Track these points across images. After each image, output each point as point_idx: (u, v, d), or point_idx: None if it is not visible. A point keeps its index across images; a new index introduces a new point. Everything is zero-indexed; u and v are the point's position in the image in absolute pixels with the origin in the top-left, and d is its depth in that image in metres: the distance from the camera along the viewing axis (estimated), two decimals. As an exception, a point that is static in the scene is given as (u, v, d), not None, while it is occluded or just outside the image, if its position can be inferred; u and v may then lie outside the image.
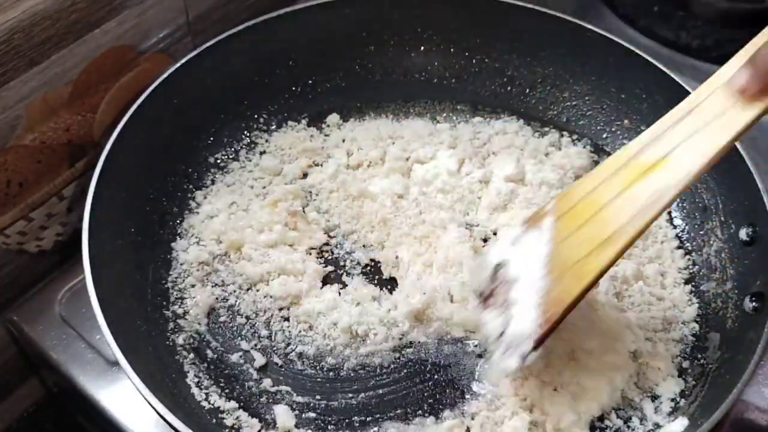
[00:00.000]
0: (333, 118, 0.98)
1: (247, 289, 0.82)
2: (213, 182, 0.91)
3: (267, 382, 0.76)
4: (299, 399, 0.75)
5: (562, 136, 0.96)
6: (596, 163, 0.93)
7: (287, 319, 0.80)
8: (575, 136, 0.97)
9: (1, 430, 0.96)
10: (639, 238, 0.65)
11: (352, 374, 0.76)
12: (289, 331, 0.79)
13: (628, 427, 0.73)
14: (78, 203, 0.89)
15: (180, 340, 0.78)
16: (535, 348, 0.64)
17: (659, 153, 0.61)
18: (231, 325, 0.80)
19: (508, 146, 0.94)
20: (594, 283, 0.64)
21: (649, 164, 0.61)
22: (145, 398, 0.65)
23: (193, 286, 0.82)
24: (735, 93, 0.56)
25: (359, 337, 0.78)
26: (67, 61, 0.80)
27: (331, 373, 0.77)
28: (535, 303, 0.65)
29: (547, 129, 0.98)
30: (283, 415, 0.73)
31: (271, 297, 0.81)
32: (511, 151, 0.94)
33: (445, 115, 1.00)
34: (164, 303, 0.80)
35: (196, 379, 0.75)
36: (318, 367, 0.77)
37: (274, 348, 0.78)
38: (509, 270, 0.68)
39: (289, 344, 0.79)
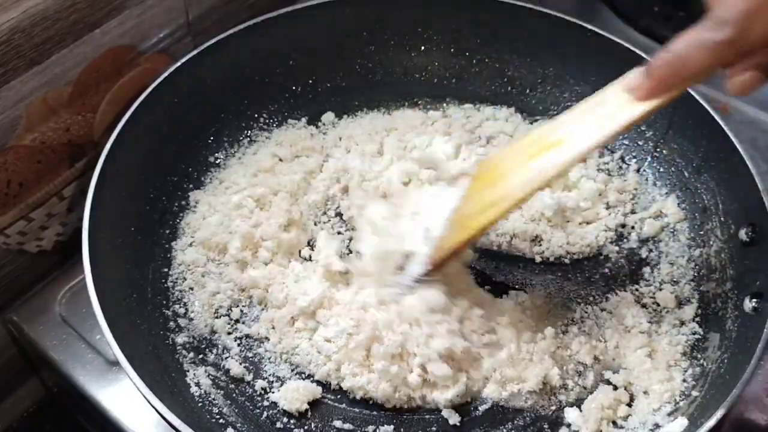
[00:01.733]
0: (328, 116, 0.98)
1: (243, 290, 0.82)
2: (212, 181, 0.91)
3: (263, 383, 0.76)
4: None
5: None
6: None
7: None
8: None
9: (1, 430, 0.96)
10: (519, 206, 0.76)
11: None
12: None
13: (628, 427, 0.73)
14: (78, 203, 0.89)
15: (180, 340, 0.78)
16: (420, 278, 0.76)
17: (559, 135, 0.69)
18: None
19: (500, 132, 0.97)
20: (473, 237, 0.74)
21: (549, 143, 0.69)
22: (144, 397, 0.65)
23: (191, 288, 0.82)
24: (629, 91, 0.63)
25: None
26: (67, 61, 0.80)
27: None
28: (431, 243, 0.76)
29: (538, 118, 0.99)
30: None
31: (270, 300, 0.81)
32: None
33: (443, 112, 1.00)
34: (164, 302, 0.80)
35: (196, 379, 0.75)
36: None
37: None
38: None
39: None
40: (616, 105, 0.63)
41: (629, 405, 0.74)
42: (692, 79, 0.60)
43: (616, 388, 0.76)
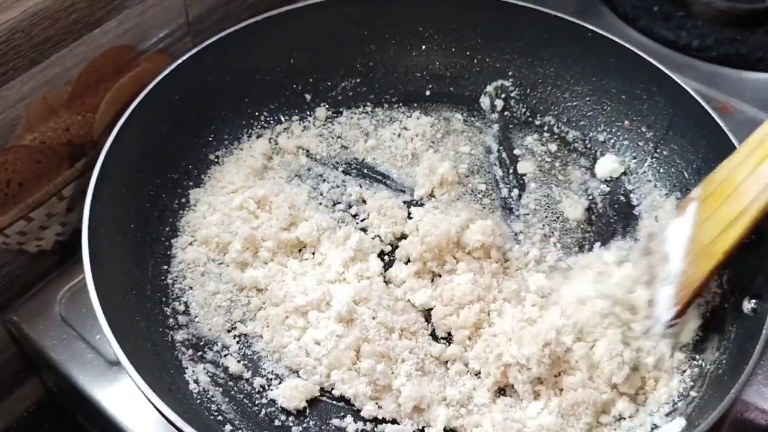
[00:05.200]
0: (329, 114, 0.98)
1: (242, 289, 0.82)
2: (212, 179, 0.91)
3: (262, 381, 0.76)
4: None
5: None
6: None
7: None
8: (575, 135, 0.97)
9: (1, 430, 0.96)
10: (764, 215, 0.67)
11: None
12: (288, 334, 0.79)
13: (626, 427, 0.73)
14: (78, 203, 0.89)
15: (179, 337, 0.78)
16: (672, 323, 0.71)
17: None
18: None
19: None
20: (722, 263, 0.67)
21: None
22: (143, 394, 0.65)
23: (191, 287, 0.82)
24: None
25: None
26: (67, 61, 0.80)
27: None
28: (675, 284, 0.71)
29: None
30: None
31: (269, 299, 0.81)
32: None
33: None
34: (164, 299, 0.80)
35: (195, 376, 0.75)
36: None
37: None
38: (663, 247, 0.74)
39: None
40: None
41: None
42: None
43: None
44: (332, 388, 0.75)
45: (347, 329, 0.76)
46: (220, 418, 0.73)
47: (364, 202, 0.91)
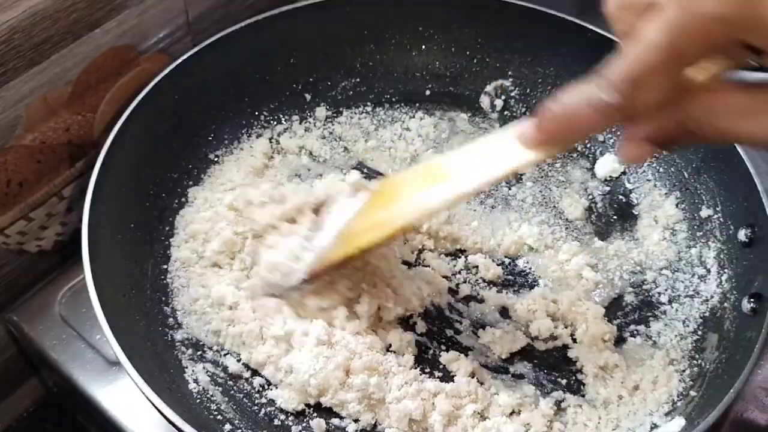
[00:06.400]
0: (328, 114, 0.98)
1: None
2: (211, 178, 0.91)
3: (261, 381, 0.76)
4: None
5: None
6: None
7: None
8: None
9: (1, 430, 0.96)
10: (400, 234, 0.79)
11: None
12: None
13: (626, 427, 0.73)
14: (78, 203, 0.89)
15: (179, 336, 0.78)
16: (298, 285, 0.76)
17: (447, 169, 0.68)
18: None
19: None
20: (353, 256, 0.72)
21: (438, 176, 0.68)
22: (143, 393, 0.65)
23: (184, 286, 0.82)
24: (519, 139, 0.61)
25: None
26: (67, 61, 0.80)
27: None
28: (317, 252, 0.75)
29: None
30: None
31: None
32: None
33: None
34: (163, 298, 0.80)
35: (194, 375, 0.75)
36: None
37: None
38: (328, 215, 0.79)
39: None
40: (505, 150, 0.62)
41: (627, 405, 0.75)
42: (581, 135, 0.58)
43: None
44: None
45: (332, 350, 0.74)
46: (219, 417, 0.73)
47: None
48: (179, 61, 0.88)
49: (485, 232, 0.88)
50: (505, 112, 1.00)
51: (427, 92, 1.02)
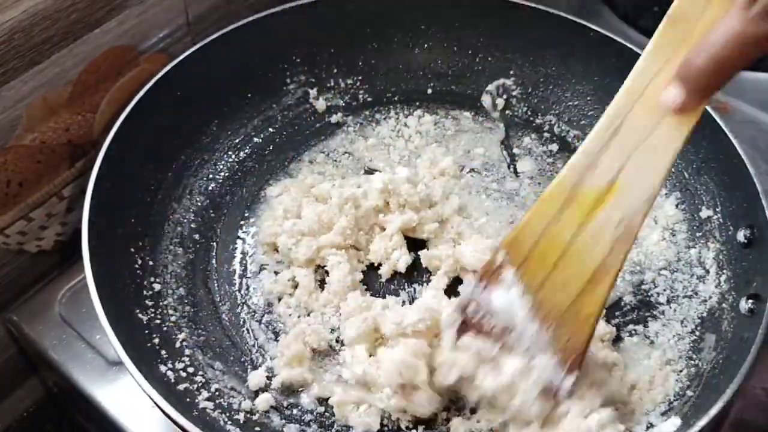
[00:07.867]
0: (322, 109, 0.99)
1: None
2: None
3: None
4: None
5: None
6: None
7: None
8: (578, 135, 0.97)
9: (1, 430, 0.96)
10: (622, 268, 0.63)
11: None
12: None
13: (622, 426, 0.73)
14: (78, 203, 0.89)
15: (181, 336, 0.78)
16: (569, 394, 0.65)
17: (604, 179, 0.60)
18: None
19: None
20: (596, 321, 0.64)
21: (599, 192, 0.60)
22: (145, 392, 0.65)
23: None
24: (666, 110, 0.56)
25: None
26: (67, 61, 0.80)
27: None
28: (551, 355, 0.64)
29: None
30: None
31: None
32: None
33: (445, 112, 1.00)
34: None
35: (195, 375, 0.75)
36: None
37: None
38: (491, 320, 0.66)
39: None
40: (652, 126, 0.55)
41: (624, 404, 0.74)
42: (731, 77, 0.54)
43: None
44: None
45: None
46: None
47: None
48: (179, 59, 0.88)
49: (489, 231, 0.88)
50: (507, 112, 1.00)
51: (429, 91, 1.02)
